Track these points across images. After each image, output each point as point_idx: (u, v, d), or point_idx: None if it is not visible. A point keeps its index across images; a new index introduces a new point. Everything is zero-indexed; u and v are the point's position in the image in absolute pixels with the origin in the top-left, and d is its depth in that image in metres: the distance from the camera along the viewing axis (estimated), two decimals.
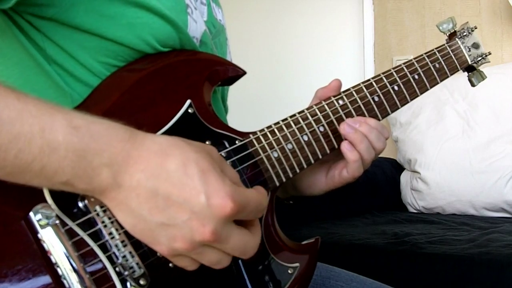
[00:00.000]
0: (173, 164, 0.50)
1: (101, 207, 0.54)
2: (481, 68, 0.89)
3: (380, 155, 0.77)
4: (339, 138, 0.71)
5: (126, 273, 0.54)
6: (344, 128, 0.70)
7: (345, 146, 0.70)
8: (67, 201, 0.52)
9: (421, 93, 0.79)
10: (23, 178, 0.49)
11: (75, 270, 0.51)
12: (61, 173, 0.48)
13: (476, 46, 0.86)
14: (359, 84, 0.74)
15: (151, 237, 0.51)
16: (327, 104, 0.71)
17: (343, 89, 0.75)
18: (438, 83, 0.81)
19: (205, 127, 0.63)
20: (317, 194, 0.77)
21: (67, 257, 0.51)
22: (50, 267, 0.51)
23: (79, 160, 0.48)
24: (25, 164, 0.47)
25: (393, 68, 0.77)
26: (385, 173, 2.10)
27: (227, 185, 0.50)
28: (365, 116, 0.73)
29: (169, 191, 0.49)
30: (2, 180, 0.49)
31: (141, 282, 0.54)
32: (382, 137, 0.72)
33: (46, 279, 0.51)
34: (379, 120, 0.74)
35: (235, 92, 0.87)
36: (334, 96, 0.72)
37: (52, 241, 0.51)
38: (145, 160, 0.49)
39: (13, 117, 0.47)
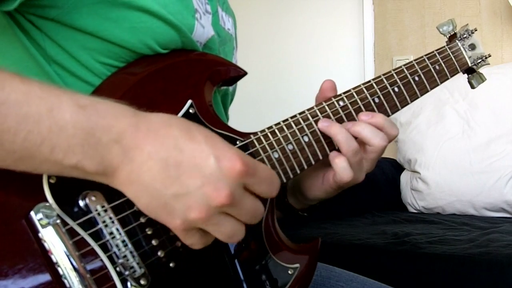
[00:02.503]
0: (178, 132, 0.50)
1: (102, 206, 0.54)
2: (481, 69, 0.89)
3: None
4: None
5: (126, 273, 0.54)
6: (321, 125, 0.68)
7: (330, 154, 0.68)
8: (68, 200, 0.52)
9: (421, 95, 0.79)
10: (33, 163, 0.49)
11: (75, 270, 0.51)
12: (71, 153, 0.48)
13: (476, 48, 0.86)
14: (359, 85, 0.74)
15: (165, 212, 0.50)
16: (327, 105, 0.71)
17: (343, 89, 0.75)
18: (438, 84, 0.81)
19: (206, 127, 0.63)
20: (320, 197, 0.75)
21: (67, 256, 0.51)
22: (50, 267, 0.51)
23: (88, 138, 0.48)
24: (35, 146, 0.47)
25: (394, 70, 0.77)
26: (385, 173, 2.10)
27: (234, 148, 0.51)
28: None
29: (179, 158, 0.49)
30: (3, 179, 0.49)
31: (142, 282, 0.54)
32: (381, 134, 0.69)
33: (46, 278, 0.51)
34: None
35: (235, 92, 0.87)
36: (334, 97, 0.72)
37: (53, 241, 0.51)
38: (152, 132, 0.50)
39: (20, 99, 0.47)
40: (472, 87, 0.89)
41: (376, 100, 0.74)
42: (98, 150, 0.48)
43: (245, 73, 0.70)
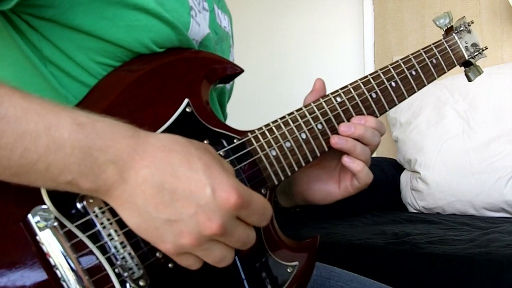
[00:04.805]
0: (177, 159, 0.50)
1: (100, 208, 0.53)
2: (478, 61, 0.88)
3: (380, 155, 0.76)
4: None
5: (125, 274, 0.54)
6: (335, 142, 0.70)
7: (345, 160, 0.70)
8: (65, 202, 0.52)
9: (418, 89, 0.78)
10: (28, 178, 0.49)
11: (74, 272, 0.51)
12: (66, 171, 0.48)
13: (473, 40, 0.86)
14: (356, 81, 0.74)
15: (156, 235, 0.51)
16: (325, 101, 0.71)
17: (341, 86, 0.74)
18: (435, 78, 0.80)
19: (203, 126, 0.63)
20: (331, 203, 0.77)
21: (66, 259, 0.51)
22: (49, 269, 0.51)
23: (85, 157, 0.48)
24: (31, 163, 0.47)
25: (391, 65, 0.77)
26: (385, 173, 2.10)
27: (231, 179, 0.51)
28: (363, 113, 0.73)
29: (175, 185, 0.49)
30: (1, 182, 0.49)
31: (141, 283, 0.54)
32: (378, 134, 0.72)
33: (45, 281, 0.51)
34: (376, 117, 0.74)
35: (234, 91, 0.86)
36: (332, 93, 0.72)
37: (50, 243, 0.51)
38: (150, 155, 0.50)
39: (19, 116, 0.47)
40: (469, 80, 0.88)
41: (373, 95, 0.74)
42: (94, 169, 0.48)
43: (241, 71, 0.70)
